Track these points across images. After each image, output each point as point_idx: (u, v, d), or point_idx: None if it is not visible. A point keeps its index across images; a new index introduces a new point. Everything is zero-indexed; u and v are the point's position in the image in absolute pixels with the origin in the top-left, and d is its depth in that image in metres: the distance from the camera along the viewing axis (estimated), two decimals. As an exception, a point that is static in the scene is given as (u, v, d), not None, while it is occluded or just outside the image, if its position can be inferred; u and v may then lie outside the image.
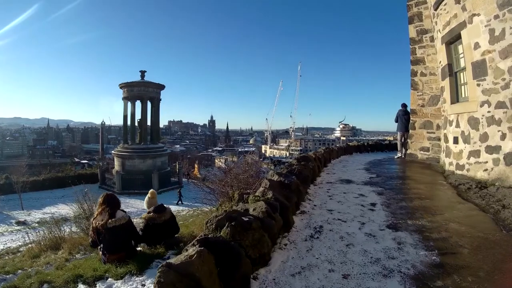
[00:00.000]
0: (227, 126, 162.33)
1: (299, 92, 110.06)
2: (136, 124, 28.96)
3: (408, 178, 5.83)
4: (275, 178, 3.65)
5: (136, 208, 19.18)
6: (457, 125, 5.70)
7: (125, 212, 3.79)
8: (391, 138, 21.32)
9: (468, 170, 5.21)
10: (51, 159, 60.03)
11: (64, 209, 15.59)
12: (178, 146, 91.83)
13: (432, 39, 8.26)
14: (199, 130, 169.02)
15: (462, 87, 5.95)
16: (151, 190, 4.84)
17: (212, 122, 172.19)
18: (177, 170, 28.95)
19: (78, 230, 8.14)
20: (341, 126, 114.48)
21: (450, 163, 5.94)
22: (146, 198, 4.73)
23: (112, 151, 31.61)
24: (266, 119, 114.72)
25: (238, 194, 2.92)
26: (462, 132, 5.48)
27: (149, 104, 28.93)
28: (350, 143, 13.64)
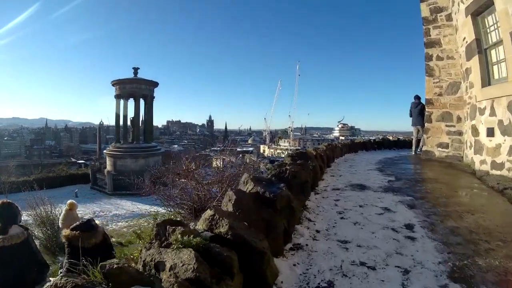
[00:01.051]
0: (226, 126, 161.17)
1: (298, 92, 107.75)
2: (129, 122, 28.03)
3: (436, 181, 4.61)
4: (249, 187, 2.21)
5: (126, 210, 18.66)
6: (492, 113, 4.59)
7: (25, 228, 2.71)
8: (390, 138, 20.89)
9: (509, 169, 4.11)
10: (44, 159, 59.05)
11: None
12: (176, 146, 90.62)
13: (448, 17, 7.17)
14: (198, 130, 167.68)
15: (494, 66, 4.88)
16: (69, 201, 3.71)
17: (210, 122, 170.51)
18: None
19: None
20: (340, 126, 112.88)
21: (482, 161, 4.83)
22: (64, 212, 3.59)
23: (104, 151, 30.68)
24: (265, 118, 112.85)
25: (157, 224, 1.45)
26: (500, 121, 4.37)
27: (142, 103, 28.03)
28: (355, 140, 12.64)
